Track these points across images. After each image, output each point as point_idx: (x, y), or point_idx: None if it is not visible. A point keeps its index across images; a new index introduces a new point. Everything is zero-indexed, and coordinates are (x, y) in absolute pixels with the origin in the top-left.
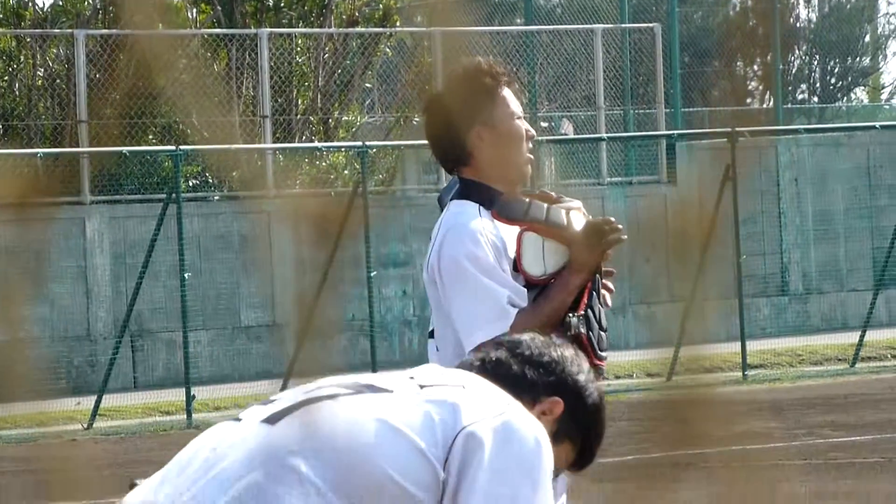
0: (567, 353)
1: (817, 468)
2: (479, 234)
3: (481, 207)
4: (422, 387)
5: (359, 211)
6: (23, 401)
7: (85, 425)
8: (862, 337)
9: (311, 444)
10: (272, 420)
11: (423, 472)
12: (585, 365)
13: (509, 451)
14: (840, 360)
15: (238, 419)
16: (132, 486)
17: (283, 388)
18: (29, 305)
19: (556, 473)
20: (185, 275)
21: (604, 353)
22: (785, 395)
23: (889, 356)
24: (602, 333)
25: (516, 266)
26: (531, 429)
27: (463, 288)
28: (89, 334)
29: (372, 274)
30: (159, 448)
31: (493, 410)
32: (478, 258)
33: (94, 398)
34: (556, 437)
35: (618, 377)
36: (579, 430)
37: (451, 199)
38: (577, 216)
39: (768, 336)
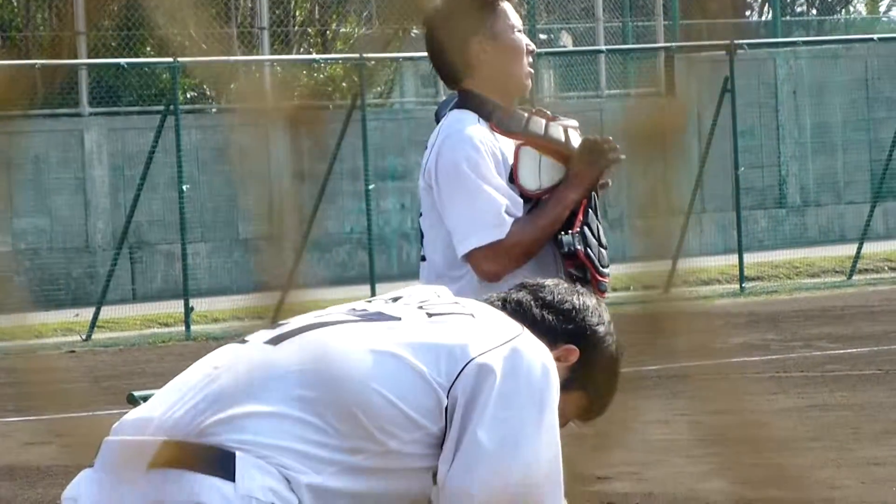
0: (589, 302)
1: (814, 380)
2: (479, 142)
3: (480, 118)
4: (430, 315)
5: (357, 124)
6: (22, 312)
7: (83, 337)
8: (859, 249)
9: (311, 365)
10: (275, 342)
11: (424, 398)
12: (607, 316)
13: (518, 377)
14: (837, 272)
15: (244, 341)
16: (130, 397)
17: (282, 300)
18: (28, 217)
19: (564, 423)
20: (184, 187)
21: (606, 270)
22: (782, 307)
23: (886, 268)
24: (602, 250)
25: (512, 178)
26: (539, 355)
27: (460, 192)
28: (88, 246)
29: (370, 187)
30: (157, 360)
31: (502, 338)
32: (477, 164)
33: (92, 310)
34: (569, 384)
35: (615, 290)
36: (593, 381)
37: (449, 110)
38: (574, 134)
39: (766, 248)
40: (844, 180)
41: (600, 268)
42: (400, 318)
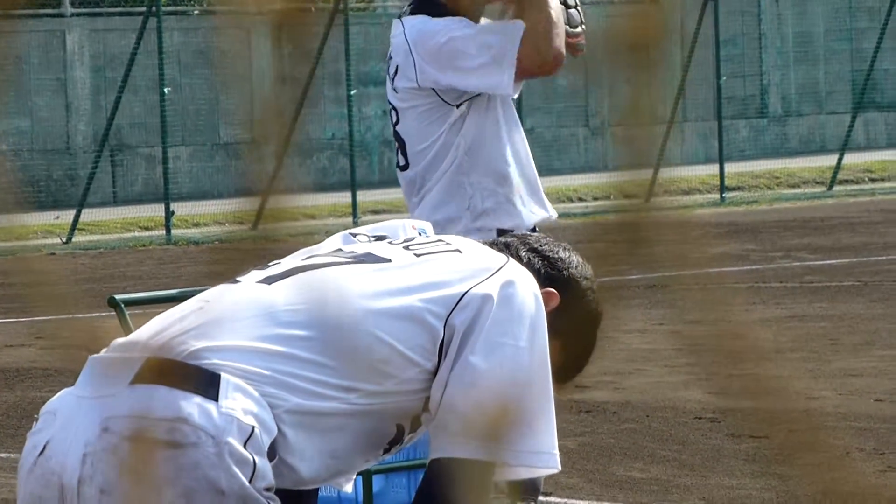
0: (575, 258)
1: (793, 291)
2: (441, 21)
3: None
4: (418, 255)
5: (339, 27)
6: (2, 213)
7: (64, 239)
8: (839, 160)
9: (305, 305)
10: (268, 281)
11: (419, 337)
12: (590, 273)
13: (512, 304)
14: (818, 182)
15: (236, 281)
16: (111, 301)
17: (262, 206)
18: (9, 118)
19: None
20: (165, 89)
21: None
22: (762, 217)
23: (866, 179)
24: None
25: None
26: (529, 283)
27: (458, 48)
28: (69, 148)
29: (352, 92)
30: (137, 263)
31: (492, 268)
32: (447, 25)
33: (73, 212)
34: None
35: (595, 199)
36: (570, 333)
37: (402, 18)
38: None
39: (746, 158)
40: (826, 90)
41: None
42: (390, 260)
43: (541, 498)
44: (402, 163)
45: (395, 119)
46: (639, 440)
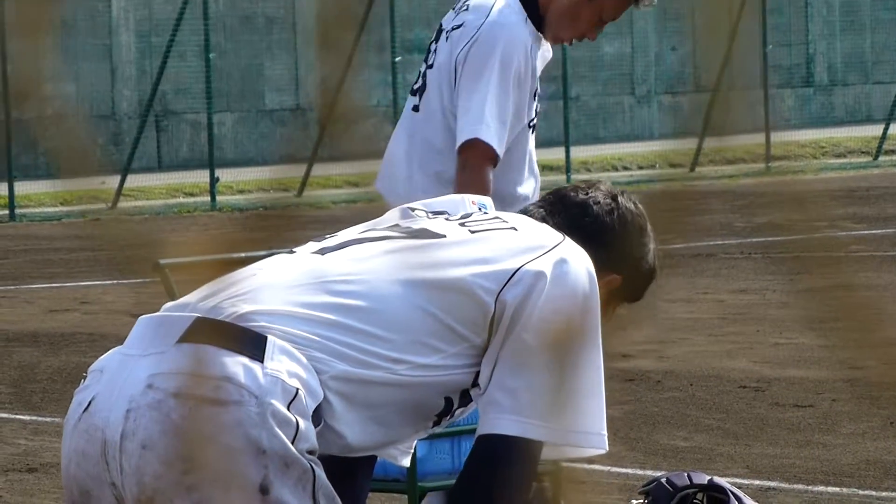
0: (631, 227)
1: (838, 261)
2: (523, 48)
3: (528, 19)
4: (473, 232)
5: None
6: (47, 179)
7: (109, 205)
8: (885, 130)
9: (355, 275)
10: (322, 252)
11: (470, 312)
12: (649, 226)
13: (565, 283)
14: (863, 152)
15: (291, 251)
16: (156, 265)
17: (307, 174)
18: (54, 83)
19: (607, 320)
20: (210, 55)
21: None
22: (807, 186)
23: None
24: None
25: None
26: (583, 262)
27: (486, 83)
28: (114, 113)
29: (396, 59)
30: (183, 229)
31: (546, 246)
32: (509, 70)
33: (118, 178)
34: (607, 302)
35: (641, 167)
36: (632, 292)
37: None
38: None
39: (792, 128)
40: (872, 60)
41: None
42: (445, 236)
43: (585, 466)
44: (418, 104)
45: (431, 61)
46: (682, 409)
